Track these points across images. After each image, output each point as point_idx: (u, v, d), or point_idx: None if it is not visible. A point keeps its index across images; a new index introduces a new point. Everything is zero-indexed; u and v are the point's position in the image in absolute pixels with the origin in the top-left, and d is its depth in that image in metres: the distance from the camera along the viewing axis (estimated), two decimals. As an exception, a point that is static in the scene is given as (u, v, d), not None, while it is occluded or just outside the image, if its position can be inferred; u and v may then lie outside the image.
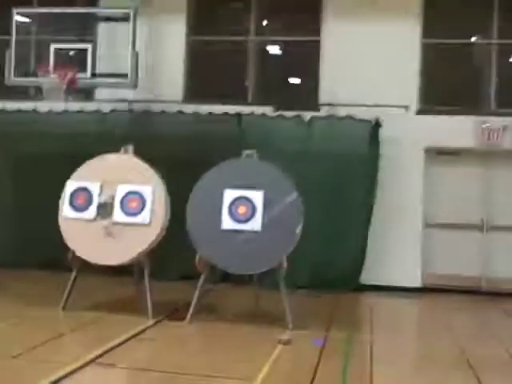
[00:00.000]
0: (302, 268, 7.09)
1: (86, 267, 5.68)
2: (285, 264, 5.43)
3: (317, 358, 4.60)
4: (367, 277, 7.51)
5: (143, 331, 5.14)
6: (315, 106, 7.84)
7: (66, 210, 5.76)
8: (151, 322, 5.42)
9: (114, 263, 5.61)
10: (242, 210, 5.50)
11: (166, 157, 7.52)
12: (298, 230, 5.46)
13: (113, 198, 5.72)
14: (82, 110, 7.97)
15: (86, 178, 5.82)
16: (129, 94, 8.04)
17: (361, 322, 6.07)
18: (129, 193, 5.71)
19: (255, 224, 5.45)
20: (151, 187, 5.68)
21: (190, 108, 7.85)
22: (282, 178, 5.60)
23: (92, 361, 4.31)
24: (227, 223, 5.48)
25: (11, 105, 8.12)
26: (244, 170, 5.68)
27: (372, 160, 7.48)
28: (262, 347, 4.79)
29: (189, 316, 5.49)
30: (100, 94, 8.21)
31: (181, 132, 7.78)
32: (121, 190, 5.73)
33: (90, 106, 8.02)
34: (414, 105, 7.70)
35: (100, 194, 5.74)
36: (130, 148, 5.91)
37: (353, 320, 6.11)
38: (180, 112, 7.84)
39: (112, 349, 4.60)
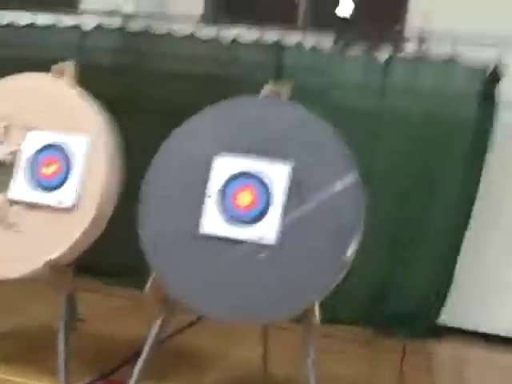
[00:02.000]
0: (348, 292, 4.28)
1: None
2: (316, 313, 2.65)
3: None
4: (450, 316, 4.53)
5: None
6: (397, 41, 5.00)
7: None
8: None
9: (3, 276, 2.94)
10: (244, 198, 2.73)
11: (161, 101, 4.90)
12: (351, 251, 2.67)
13: (16, 154, 3.08)
14: (54, 25, 5.36)
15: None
16: (125, 4, 5.40)
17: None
18: (45, 147, 3.02)
19: (267, 230, 2.60)
20: (86, 139, 2.98)
21: (209, 31, 5.11)
22: (330, 143, 2.81)
23: None
24: (212, 223, 2.65)
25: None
26: (257, 120, 2.74)
27: (481, 130, 4.53)
28: None
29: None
30: (86, 2, 5.57)
31: (191, 66, 5.06)
32: (32, 141, 3.02)
33: (67, 20, 5.36)
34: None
35: (-2, 145, 3.09)
36: (68, 66, 3.20)
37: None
38: (193, 36, 5.10)
39: None
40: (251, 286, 2.59)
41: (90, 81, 4.38)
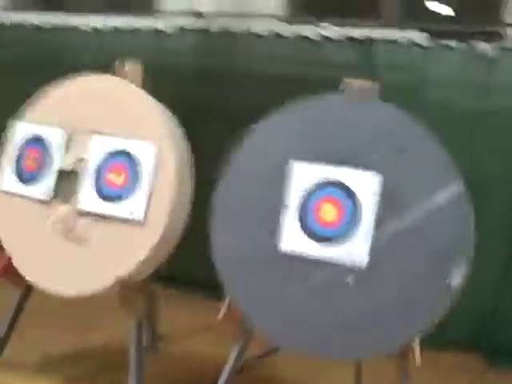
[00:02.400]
0: (454, 312, 3.77)
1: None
2: (417, 352, 2.26)
3: None
4: None
5: None
6: (504, 32, 4.50)
7: (6, 178, 3.00)
8: None
9: (68, 293, 2.63)
10: (327, 212, 2.39)
11: (242, 105, 4.62)
12: (459, 276, 2.27)
13: (82, 161, 2.88)
14: (135, 29, 5.20)
15: (41, 119, 2.86)
16: (204, 4, 5.17)
17: None
18: (111, 154, 2.81)
19: (356, 250, 2.25)
20: (154, 146, 2.72)
21: (292, 30, 4.80)
22: (428, 149, 2.42)
23: None
24: (292, 240, 2.31)
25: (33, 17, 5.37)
26: (343, 122, 2.41)
27: None
28: None
29: None
30: (163, 3, 5.38)
31: (274, 67, 4.78)
32: (97, 148, 2.81)
33: (145, 22, 5.20)
34: None
35: (65, 153, 2.91)
36: (133, 66, 2.95)
37: None
38: (277, 35, 4.81)
39: None
40: (337, 316, 2.25)
41: (168, 84, 4.19)
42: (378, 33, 4.50)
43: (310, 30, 4.65)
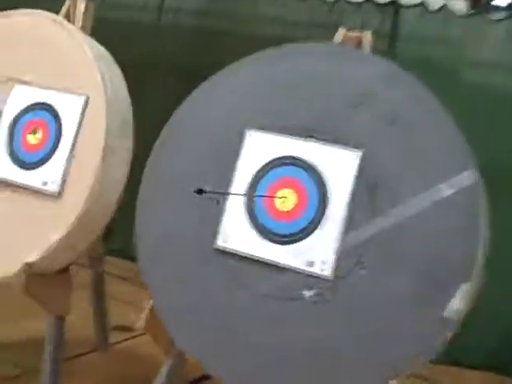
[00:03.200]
0: (470, 328, 3.06)
1: None
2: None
3: None
4: None
5: None
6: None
7: None
8: None
9: None
10: (285, 200, 1.80)
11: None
12: (460, 302, 1.67)
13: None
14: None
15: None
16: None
17: None
18: (32, 108, 2.27)
19: (320, 252, 1.65)
20: (83, 100, 2.16)
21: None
22: (435, 123, 1.80)
23: None
24: (236, 235, 1.73)
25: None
26: (317, 79, 1.77)
27: None
28: None
29: None
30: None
31: (285, 31, 4.18)
32: (15, 99, 2.28)
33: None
34: None
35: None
36: (80, 5, 2.43)
37: None
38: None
39: None
40: (288, 340, 1.67)
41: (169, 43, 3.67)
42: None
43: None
